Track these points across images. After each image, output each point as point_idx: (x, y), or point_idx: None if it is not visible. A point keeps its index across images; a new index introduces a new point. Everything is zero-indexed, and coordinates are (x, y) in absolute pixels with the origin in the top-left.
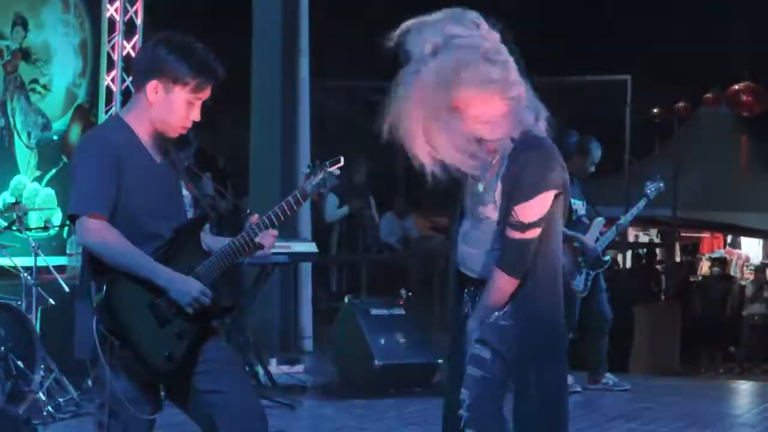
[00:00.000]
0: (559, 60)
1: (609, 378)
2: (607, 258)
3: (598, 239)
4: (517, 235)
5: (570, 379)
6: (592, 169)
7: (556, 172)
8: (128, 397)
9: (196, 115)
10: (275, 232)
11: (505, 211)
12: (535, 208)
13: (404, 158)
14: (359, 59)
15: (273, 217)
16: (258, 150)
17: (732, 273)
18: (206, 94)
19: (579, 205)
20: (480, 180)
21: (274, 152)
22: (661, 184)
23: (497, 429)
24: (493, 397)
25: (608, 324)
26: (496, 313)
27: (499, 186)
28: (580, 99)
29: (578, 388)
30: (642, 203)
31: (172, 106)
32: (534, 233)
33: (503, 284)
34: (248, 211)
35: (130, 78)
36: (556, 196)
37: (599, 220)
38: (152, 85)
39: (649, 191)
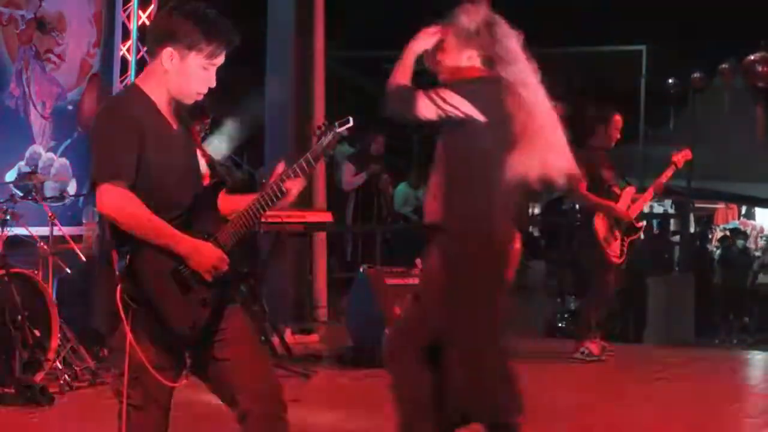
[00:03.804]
0: (573, 31)
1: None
2: (640, 225)
3: (629, 208)
4: None
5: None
6: (617, 136)
7: None
8: (151, 363)
9: (211, 81)
10: (303, 180)
11: None
12: None
13: (418, 129)
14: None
15: (281, 183)
16: (273, 121)
17: (746, 244)
18: (221, 59)
19: (608, 175)
20: None
21: (288, 123)
22: (686, 151)
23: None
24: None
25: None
26: None
27: None
28: (596, 70)
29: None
30: (669, 171)
31: (188, 73)
32: None
33: None
34: (264, 181)
35: (145, 48)
36: None
37: (629, 189)
38: (167, 52)
39: (676, 159)
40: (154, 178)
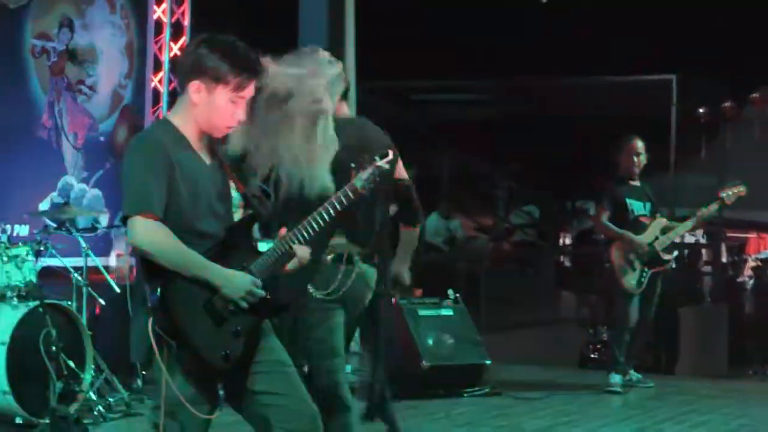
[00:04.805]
0: (603, 60)
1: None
2: (668, 257)
3: (657, 239)
4: None
5: (620, 378)
6: (638, 162)
7: None
8: (186, 396)
9: (241, 114)
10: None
11: None
12: None
13: (448, 159)
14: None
15: (324, 215)
16: None
17: None
18: (249, 92)
19: (637, 206)
20: None
21: None
22: (742, 188)
23: None
24: None
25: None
26: None
27: None
28: (626, 99)
29: (650, 383)
30: (714, 206)
31: (216, 106)
32: None
33: None
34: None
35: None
36: None
37: (659, 221)
38: (194, 85)
39: (725, 195)
40: (185, 210)
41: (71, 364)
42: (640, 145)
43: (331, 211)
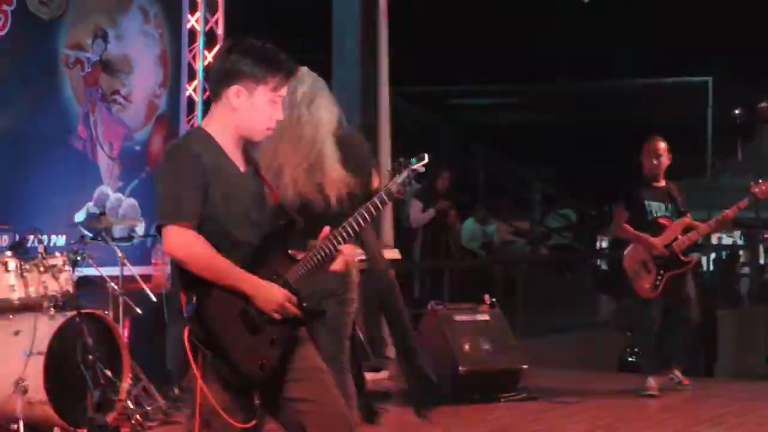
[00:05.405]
0: (640, 63)
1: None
2: (688, 259)
3: (676, 239)
4: None
5: (654, 381)
6: (659, 163)
7: None
8: (221, 405)
9: (279, 113)
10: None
11: None
12: None
13: (484, 163)
14: (437, 64)
15: (360, 219)
16: None
17: None
18: (284, 91)
19: (655, 207)
20: None
21: None
22: None
23: None
24: None
25: (692, 328)
26: None
27: None
28: (662, 101)
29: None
30: (743, 204)
31: (257, 108)
32: None
33: None
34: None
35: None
36: None
37: (679, 222)
38: (233, 90)
39: (758, 190)
40: (220, 219)
41: (108, 373)
42: (660, 146)
43: (372, 212)
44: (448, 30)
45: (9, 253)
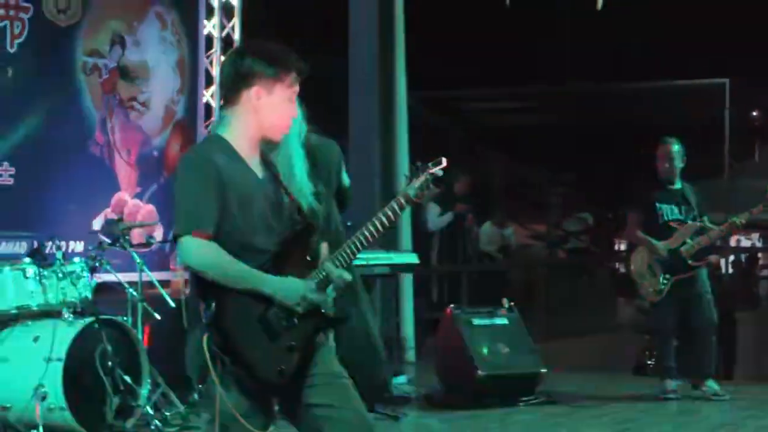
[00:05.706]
0: (656, 65)
1: (711, 386)
2: (697, 263)
3: (684, 243)
4: None
5: (672, 384)
6: (671, 166)
7: None
8: (240, 411)
9: (295, 110)
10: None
11: None
12: None
13: (501, 167)
14: (453, 68)
15: (378, 224)
16: (357, 162)
17: None
18: (297, 88)
19: (667, 210)
20: None
21: (372, 163)
22: None
23: None
24: None
25: (710, 330)
26: None
27: None
28: (679, 104)
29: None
30: (757, 210)
31: (276, 106)
32: None
33: None
34: (348, 223)
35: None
36: None
37: (690, 225)
38: (254, 91)
39: None
40: (239, 226)
41: (127, 379)
42: (673, 149)
43: (391, 217)
44: (458, 32)
45: (28, 259)
